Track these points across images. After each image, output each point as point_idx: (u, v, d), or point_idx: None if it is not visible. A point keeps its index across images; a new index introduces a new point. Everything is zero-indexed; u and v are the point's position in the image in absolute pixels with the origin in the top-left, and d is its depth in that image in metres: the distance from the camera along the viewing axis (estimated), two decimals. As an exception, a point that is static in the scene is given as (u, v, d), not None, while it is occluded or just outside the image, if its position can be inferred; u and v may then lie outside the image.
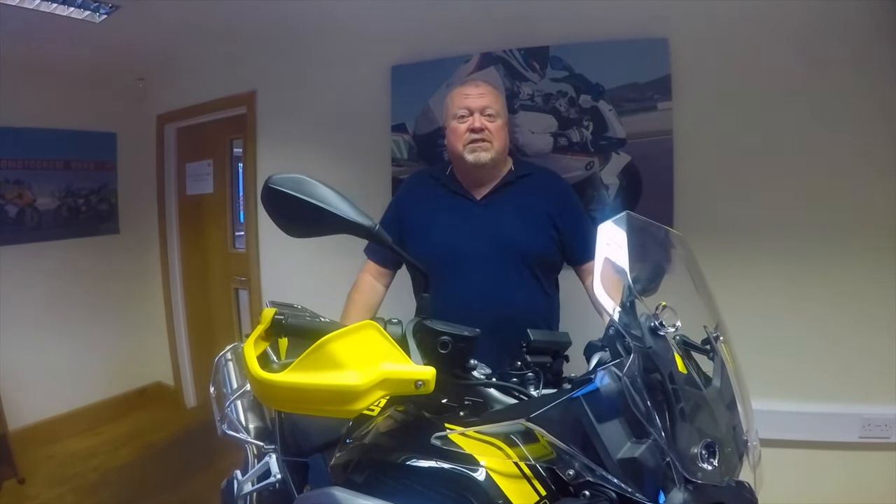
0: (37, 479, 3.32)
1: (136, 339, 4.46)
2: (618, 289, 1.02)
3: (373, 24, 3.03)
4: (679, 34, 2.42)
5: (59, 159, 3.92)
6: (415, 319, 1.07)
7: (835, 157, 2.28)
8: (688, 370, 1.00)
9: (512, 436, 0.98)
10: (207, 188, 4.14)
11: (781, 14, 2.28)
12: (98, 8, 2.90)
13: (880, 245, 2.24)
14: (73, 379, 4.02)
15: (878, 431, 2.28)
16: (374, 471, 1.05)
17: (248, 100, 3.60)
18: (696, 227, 2.35)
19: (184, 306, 4.48)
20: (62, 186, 3.95)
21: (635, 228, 1.08)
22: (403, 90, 2.96)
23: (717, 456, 0.88)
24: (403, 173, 2.94)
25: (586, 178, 2.58)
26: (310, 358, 0.91)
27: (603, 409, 0.90)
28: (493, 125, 1.91)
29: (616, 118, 2.53)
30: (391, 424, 1.13)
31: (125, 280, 4.37)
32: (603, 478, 0.86)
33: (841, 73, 2.24)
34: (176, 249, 4.42)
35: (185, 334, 4.47)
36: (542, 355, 1.17)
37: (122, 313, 4.37)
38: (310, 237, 1.03)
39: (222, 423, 1.77)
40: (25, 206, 3.76)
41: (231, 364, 1.99)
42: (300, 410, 1.00)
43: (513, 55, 2.68)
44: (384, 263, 2.09)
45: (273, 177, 0.97)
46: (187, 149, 4.29)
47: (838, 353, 2.31)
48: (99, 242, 4.19)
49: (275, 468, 1.59)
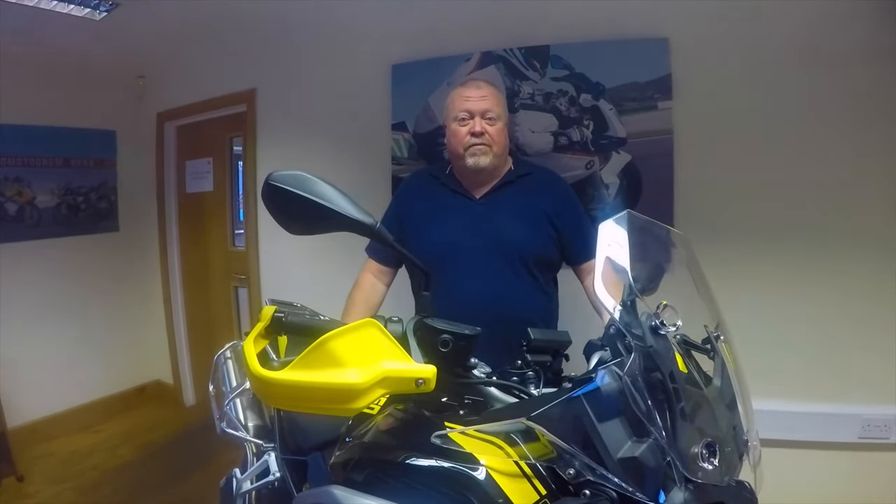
0: (36, 476, 3.32)
1: (136, 336, 4.46)
2: (618, 288, 1.02)
3: (373, 23, 3.04)
4: (679, 34, 2.42)
5: (58, 157, 3.92)
6: (415, 318, 1.07)
7: (835, 157, 2.28)
8: (688, 369, 1.00)
9: (512, 435, 0.97)
10: (207, 186, 4.14)
11: (781, 14, 2.28)
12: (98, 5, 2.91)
13: (881, 245, 2.24)
14: (72, 377, 4.02)
15: (878, 432, 2.28)
16: (373, 469, 1.05)
17: (248, 98, 3.60)
18: (697, 227, 2.35)
19: (183, 304, 4.48)
20: (62, 184, 3.95)
21: (636, 227, 1.08)
22: (404, 89, 2.96)
23: (717, 455, 0.88)
24: (403, 172, 2.94)
25: (587, 178, 2.58)
26: (310, 356, 0.90)
27: (603, 408, 0.89)
28: (494, 128, 1.91)
29: (616, 117, 2.53)
30: (391, 423, 1.13)
31: (124, 278, 4.38)
32: (603, 477, 0.86)
33: (841, 72, 2.24)
34: (175, 247, 4.42)
35: (184, 332, 4.47)
36: (542, 354, 1.17)
37: (122, 311, 4.37)
38: (310, 234, 1.03)
39: (221, 422, 1.76)
40: (25, 203, 3.76)
41: (230, 362, 1.99)
42: (300, 409, 1.00)
43: (513, 54, 2.68)
44: (385, 262, 2.09)
45: (274, 174, 0.97)
46: (187, 147, 4.29)
47: (838, 353, 2.32)
48: (98, 240, 4.20)
49: (274, 466, 1.59)
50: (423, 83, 2.89)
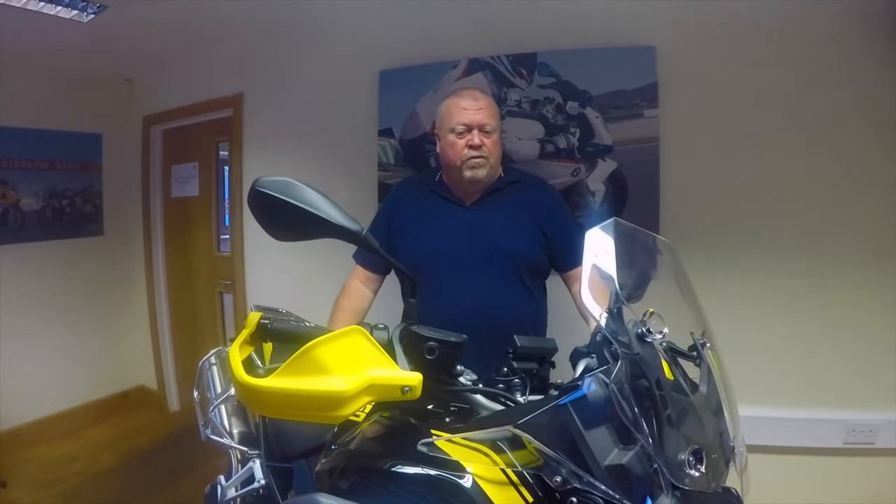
0: (18, 482, 3.28)
1: (120, 342, 4.43)
2: (604, 295, 1.02)
3: (361, 29, 3.04)
4: (666, 42, 2.44)
5: (44, 160, 3.90)
6: (401, 325, 1.07)
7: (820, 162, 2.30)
8: (675, 377, 1.00)
9: (499, 442, 0.97)
10: (193, 191, 4.12)
11: (769, 22, 2.30)
12: (86, 7, 2.89)
13: (864, 251, 2.26)
14: (55, 382, 3.98)
15: (863, 437, 2.30)
16: (359, 477, 1.05)
17: (235, 102, 3.59)
18: (682, 234, 2.36)
19: (168, 309, 4.44)
20: (47, 187, 3.92)
21: (622, 235, 1.08)
22: (391, 95, 2.96)
23: (704, 462, 0.88)
24: (390, 178, 2.94)
25: (573, 185, 2.59)
26: (295, 363, 0.90)
27: (590, 415, 0.89)
28: (490, 140, 1.92)
29: (603, 125, 2.54)
30: (377, 430, 1.12)
31: (109, 282, 4.34)
32: (590, 484, 0.86)
33: (831, 78, 2.27)
34: (160, 252, 4.40)
35: (168, 338, 4.44)
36: (529, 361, 1.17)
37: (106, 316, 4.33)
38: (296, 241, 1.02)
39: (206, 428, 1.75)
40: (9, 206, 3.73)
41: (215, 368, 1.97)
42: (285, 416, 0.99)
43: (500, 61, 2.69)
44: (372, 269, 2.09)
45: (260, 179, 0.96)
46: (173, 151, 4.27)
47: (823, 359, 2.33)
48: (83, 244, 4.16)
49: (259, 474, 1.58)
50: (411, 89, 2.89)
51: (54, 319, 4.01)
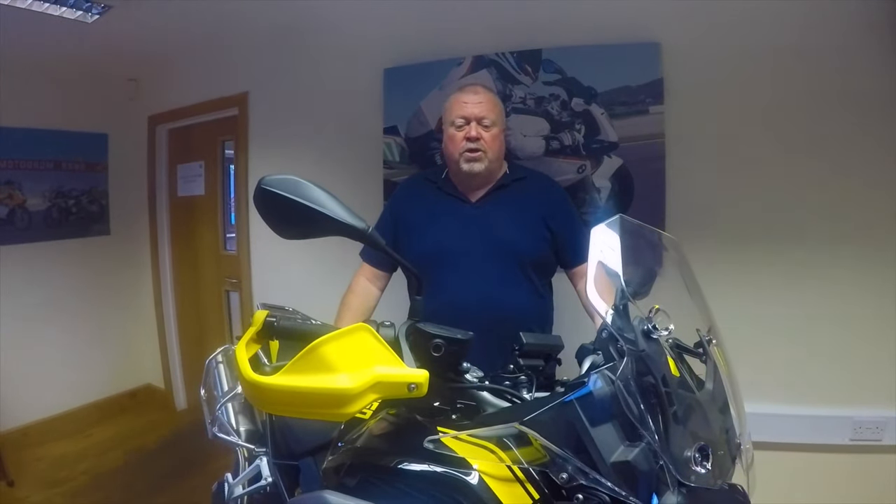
0: (26, 481, 3.30)
1: (127, 341, 4.45)
2: (610, 292, 1.02)
3: (366, 27, 3.03)
4: (671, 38, 2.42)
5: (49, 160, 3.91)
6: (407, 322, 1.07)
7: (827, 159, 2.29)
8: (681, 373, 1.00)
9: (505, 439, 0.97)
10: (199, 190, 4.13)
11: (774, 18, 2.29)
12: (90, 8, 2.90)
13: (871, 248, 2.25)
14: (62, 381, 3.99)
15: (869, 434, 2.29)
16: (366, 474, 1.05)
17: (241, 101, 3.59)
18: (688, 231, 2.35)
19: (174, 308, 4.45)
20: (53, 187, 3.94)
21: (628, 231, 1.08)
22: (396, 92, 2.95)
23: (710, 459, 0.88)
24: (395, 176, 2.94)
25: (578, 182, 2.58)
26: (302, 361, 0.90)
27: (596, 412, 0.89)
28: (489, 134, 1.92)
29: (608, 121, 2.53)
30: (384, 428, 1.13)
31: (115, 282, 4.36)
32: (596, 481, 0.86)
33: (836, 75, 2.25)
34: (167, 251, 4.41)
35: (175, 336, 4.45)
36: (535, 358, 1.17)
37: (113, 315, 4.35)
38: (302, 239, 1.02)
39: (213, 426, 1.75)
40: (16, 206, 3.75)
41: (222, 366, 1.97)
42: (292, 413, 1.00)
43: (505, 58, 2.68)
44: (380, 266, 2.09)
45: (266, 178, 0.96)
46: (179, 150, 4.27)
47: (829, 355, 2.32)
48: (89, 244, 4.18)
49: (266, 471, 1.58)
50: (416, 87, 2.88)
51: (61, 319, 4.02)
